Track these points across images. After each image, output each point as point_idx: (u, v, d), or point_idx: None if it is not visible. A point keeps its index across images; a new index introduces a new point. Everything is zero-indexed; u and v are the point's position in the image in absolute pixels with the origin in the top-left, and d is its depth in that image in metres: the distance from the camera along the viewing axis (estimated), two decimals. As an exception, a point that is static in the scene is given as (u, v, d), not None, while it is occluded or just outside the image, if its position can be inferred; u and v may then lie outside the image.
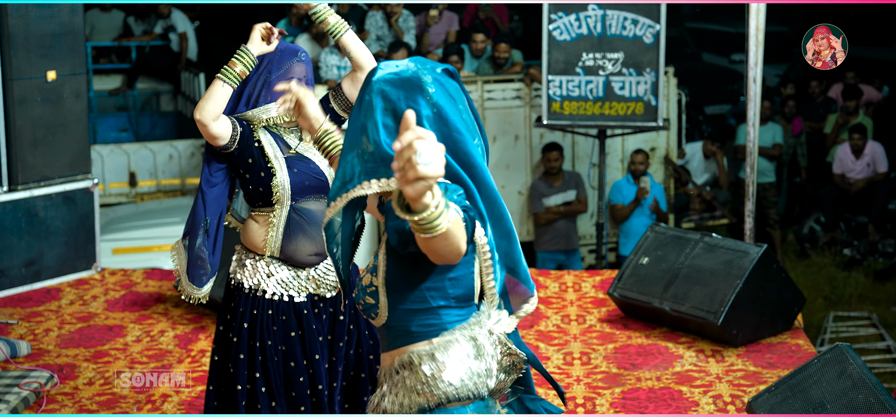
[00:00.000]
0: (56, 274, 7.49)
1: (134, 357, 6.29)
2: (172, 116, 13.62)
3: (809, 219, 11.55)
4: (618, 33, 8.61)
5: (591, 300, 7.14)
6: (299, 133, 4.35)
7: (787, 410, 4.73)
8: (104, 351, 6.40)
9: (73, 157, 7.49)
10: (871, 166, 10.96)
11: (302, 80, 4.26)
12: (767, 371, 5.83)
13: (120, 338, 6.60)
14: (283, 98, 3.39)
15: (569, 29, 8.66)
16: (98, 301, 7.27)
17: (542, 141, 10.24)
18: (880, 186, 11.06)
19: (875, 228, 10.98)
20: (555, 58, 8.73)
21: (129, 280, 7.67)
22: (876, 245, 11.01)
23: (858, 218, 11.18)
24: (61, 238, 7.49)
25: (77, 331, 6.72)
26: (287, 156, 4.31)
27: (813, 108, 12.30)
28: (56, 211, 7.43)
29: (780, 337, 6.29)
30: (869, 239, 11.03)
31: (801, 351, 6.11)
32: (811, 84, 12.45)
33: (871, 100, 12.47)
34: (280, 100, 3.45)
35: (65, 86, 7.37)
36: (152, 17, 13.75)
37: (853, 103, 11.65)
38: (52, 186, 7.41)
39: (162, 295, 7.34)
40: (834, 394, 4.64)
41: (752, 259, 6.18)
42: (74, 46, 7.41)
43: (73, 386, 5.86)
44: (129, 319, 6.93)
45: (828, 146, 11.82)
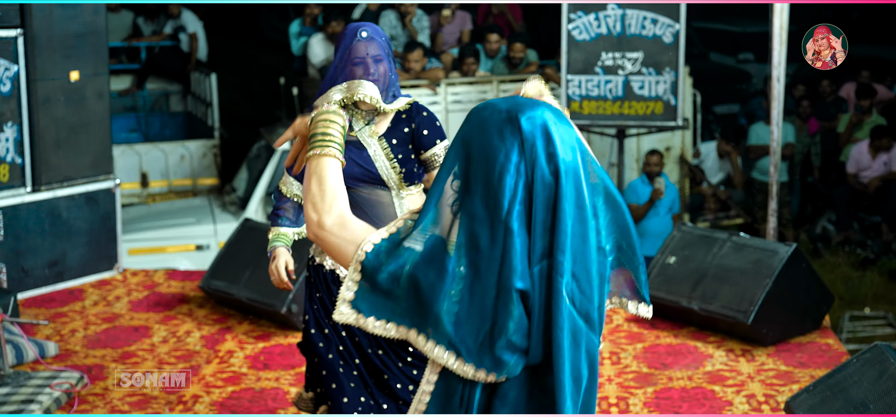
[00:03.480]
0: (79, 274, 7.47)
1: (162, 357, 6.28)
2: (182, 117, 13.59)
3: (822, 219, 11.55)
4: (637, 33, 8.61)
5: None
6: (368, 117, 4.24)
7: (828, 410, 4.72)
8: (131, 352, 6.39)
9: (95, 157, 7.48)
10: (887, 165, 10.96)
11: (366, 59, 4.14)
12: (799, 371, 5.82)
13: (146, 339, 6.59)
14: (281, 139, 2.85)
15: (588, 28, 8.66)
16: (122, 301, 7.25)
17: (557, 140, 10.22)
18: (894, 186, 11.05)
19: (889, 228, 10.98)
20: (574, 57, 8.72)
21: (151, 280, 7.66)
22: (889, 244, 11.01)
23: (872, 218, 11.17)
24: (84, 238, 7.47)
25: (103, 332, 6.71)
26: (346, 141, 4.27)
27: (824, 108, 12.30)
28: (79, 211, 7.41)
29: (809, 337, 6.28)
30: (882, 239, 11.02)
31: (831, 351, 6.11)
32: (822, 83, 12.44)
33: (882, 99, 12.46)
34: None
35: (87, 87, 7.36)
36: (162, 17, 13.72)
37: (867, 102, 11.65)
38: (75, 187, 7.40)
39: (185, 296, 7.33)
40: (876, 394, 4.62)
41: (781, 258, 6.17)
42: (97, 47, 7.41)
43: (104, 387, 5.85)
44: (154, 320, 6.92)
45: (841, 145, 11.81)
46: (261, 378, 5.97)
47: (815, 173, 12.11)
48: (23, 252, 7.14)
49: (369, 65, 4.14)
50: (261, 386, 5.86)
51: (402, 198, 4.26)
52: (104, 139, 7.50)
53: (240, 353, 6.33)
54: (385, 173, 4.21)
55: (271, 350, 6.38)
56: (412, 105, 4.27)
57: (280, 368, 6.10)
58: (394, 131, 4.23)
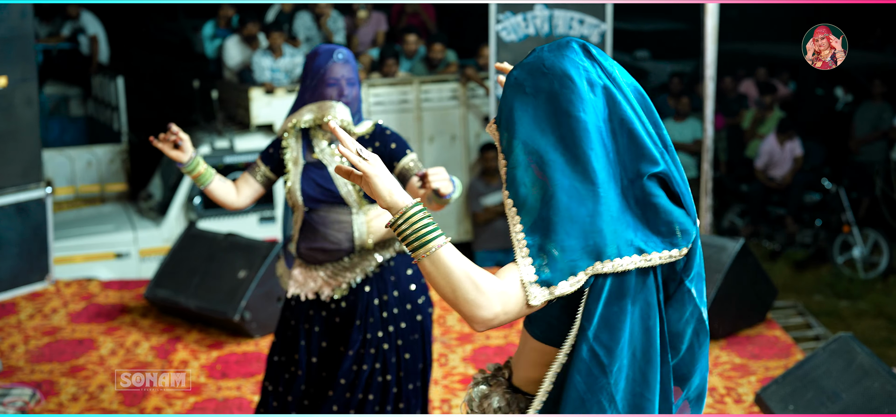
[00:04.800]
0: (10, 287, 7.19)
1: (114, 370, 6.14)
2: (82, 121, 13.24)
3: (729, 213, 11.87)
4: (565, 33, 8.72)
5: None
6: (330, 137, 4.23)
7: (801, 400, 4.87)
8: (80, 365, 6.23)
9: (24, 166, 7.23)
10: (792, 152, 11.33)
11: (341, 82, 4.18)
12: (753, 363, 5.99)
13: (93, 351, 6.43)
14: (345, 173, 2.52)
15: (516, 29, 8.73)
16: (59, 313, 7.06)
17: (478, 140, 10.30)
18: (796, 178, 11.42)
19: (793, 220, 11.34)
20: (502, 58, 8.78)
21: (86, 291, 7.47)
22: (794, 236, 11.37)
23: (777, 211, 11.53)
24: (14, 249, 7.22)
25: (45, 346, 6.52)
26: (307, 162, 4.26)
27: (727, 104, 12.64)
28: (9, 221, 7.15)
29: (756, 329, 6.47)
30: (787, 231, 11.38)
31: (779, 342, 6.30)
32: (724, 80, 12.78)
33: (781, 96, 12.86)
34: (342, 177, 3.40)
35: (15, 93, 7.11)
36: (58, 19, 13.35)
37: (769, 98, 12.02)
38: (5, 196, 7.15)
39: (125, 306, 7.17)
40: (847, 383, 4.79)
41: (730, 254, 6.34)
42: (24, 51, 7.14)
43: (58, 402, 5.70)
44: (97, 331, 6.76)
45: (746, 140, 12.16)
46: (221, 388, 5.88)
47: (721, 168, 12.42)
48: (-47, 265, 6.88)
49: (344, 87, 4.16)
50: (223, 396, 5.77)
51: (362, 217, 4.25)
52: (34, 147, 7.25)
53: (195, 363, 6.23)
54: (344, 190, 4.20)
55: (227, 358, 6.29)
56: (375, 126, 4.27)
57: (239, 376, 6.03)
58: None
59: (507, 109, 2.57)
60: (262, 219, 9.67)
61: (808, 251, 11.27)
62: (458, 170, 10.33)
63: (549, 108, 2.52)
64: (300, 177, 4.24)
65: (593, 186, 2.42)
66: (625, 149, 2.49)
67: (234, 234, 7.08)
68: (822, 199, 11.24)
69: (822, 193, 11.23)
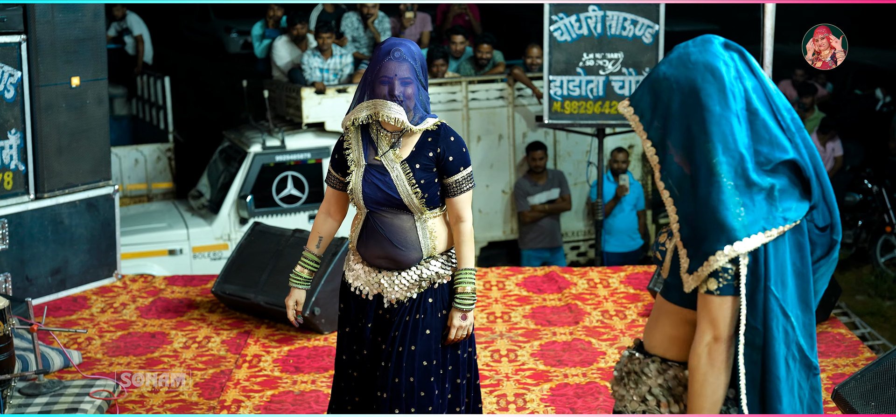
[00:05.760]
0: (80, 282, 7.35)
1: (189, 363, 6.25)
2: (127, 121, 13.39)
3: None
4: (617, 34, 8.81)
5: (623, 295, 7.31)
6: (393, 140, 4.24)
7: (882, 397, 4.93)
8: (156, 359, 6.34)
9: (95, 163, 7.36)
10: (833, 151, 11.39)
11: (393, 80, 4.12)
12: (822, 360, 6.06)
13: (167, 345, 6.55)
14: None
15: (569, 30, 8.83)
16: (129, 308, 7.18)
17: (525, 140, 10.40)
18: (837, 179, 11.49)
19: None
20: (556, 58, 8.89)
21: (152, 286, 7.59)
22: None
23: (817, 212, 11.60)
24: (85, 245, 7.36)
25: (120, 339, 6.64)
26: (369, 164, 4.27)
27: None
28: (80, 218, 7.30)
29: (821, 328, 6.53)
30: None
31: (846, 340, 6.37)
32: (764, 81, 12.85)
33: (820, 97, 12.93)
34: None
35: (88, 92, 7.24)
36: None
37: (809, 99, 12.08)
38: (76, 193, 7.28)
39: (192, 301, 7.29)
40: (928, 379, 4.86)
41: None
42: (96, 51, 7.28)
43: (140, 394, 5.81)
44: (168, 325, 6.87)
45: (788, 141, 12.23)
46: (297, 381, 5.98)
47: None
48: (27, 260, 7.01)
49: (396, 85, 4.11)
50: (300, 389, 5.88)
51: (425, 222, 4.28)
52: (103, 144, 7.39)
53: (267, 357, 6.34)
54: (407, 198, 4.21)
55: (298, 353, 6.39)
56: (440, 127, 4.27)
57: (313, 371, 6.13)
58: (418, 155, 4.23)
59: (657, 103, 2.77)
60: (310, 217, 9.79)
61: (849, 251, 11.33)
62: (505, 169, 10.44)
63: (692, 102, 2.73)
64: (362, 179, 4.26)
65: (730, 174, 2.74)
66: (759, 136, 2.78)
67: (302, 230, 7.19)
68: (863, 199, 11.31)
69: (863, 194, 11.30)
